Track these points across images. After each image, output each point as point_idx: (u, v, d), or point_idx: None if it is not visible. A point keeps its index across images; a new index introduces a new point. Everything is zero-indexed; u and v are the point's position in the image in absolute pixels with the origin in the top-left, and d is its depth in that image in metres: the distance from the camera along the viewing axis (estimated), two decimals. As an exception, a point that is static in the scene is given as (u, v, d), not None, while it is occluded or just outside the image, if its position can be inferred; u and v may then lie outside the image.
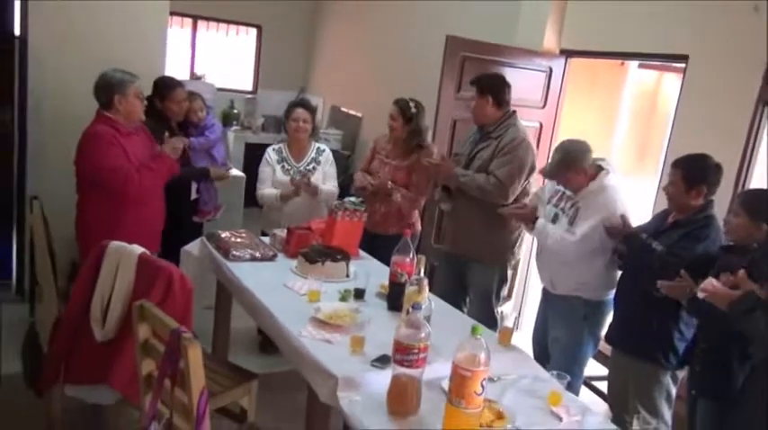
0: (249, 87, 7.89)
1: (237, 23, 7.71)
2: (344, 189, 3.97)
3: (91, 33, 3.89)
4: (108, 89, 3.07)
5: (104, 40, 3.89)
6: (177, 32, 7.36)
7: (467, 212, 3.40)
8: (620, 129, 7.68)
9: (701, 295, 2.19)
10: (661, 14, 3.77)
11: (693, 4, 3.58)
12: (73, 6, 3.82)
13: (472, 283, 3.56)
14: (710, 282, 2.16)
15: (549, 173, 3.05)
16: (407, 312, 2.04)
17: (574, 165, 2.92)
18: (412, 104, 3.59)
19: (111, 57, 3.52)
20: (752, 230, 2.38)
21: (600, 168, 2.96)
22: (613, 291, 2.96)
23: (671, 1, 3.69)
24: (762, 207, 2.39)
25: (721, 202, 2.80)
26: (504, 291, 3.67)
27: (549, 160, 3.09)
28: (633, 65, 7.32)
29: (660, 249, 2.57)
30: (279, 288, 2.70)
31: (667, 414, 2.77)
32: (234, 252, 2.96)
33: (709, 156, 2.66)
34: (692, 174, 2.62)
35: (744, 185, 3.27)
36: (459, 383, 1.70)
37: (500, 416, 1.90)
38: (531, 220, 3.10)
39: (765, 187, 3.08)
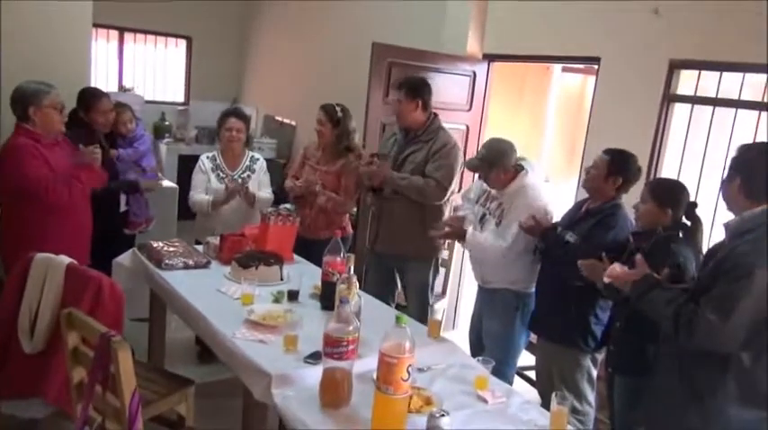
0: (180, 99, 7.82)
1: (166, 35, 7.64)
2: (280, 197, 4.01)
3: (10, 45, 3.80)
4: (22, 101, 3.01)
5: (25, 52, 3.81)
6: (104, 46, 7.24)
7: (400, 211, 3.48)
8: (549, 133, 7.95)
9: (606, 280, 2.31)
10: (574, 18, 3.96)
11: (602, 8, 3.77)
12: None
13: (409, 281, 3.66)
14: (614, 268, 2.29)
15: (472, 165, 3.18)
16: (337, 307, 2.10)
17: (496, 164, 3.05)
18: (338, 108, 3.67)
19: (33, 69, 3.46)
20: (658, 215, 2.55)
21: (521, 167, 3.11)
22: None
23: (583, 2, 3.88)
24: (667, 193, 2.58)
25: (634, 194, 2.98)
26: (436, 285, 3.78)
27: (475, 154, 3.22)
28: (557, 69, 7.61)
29: (573, 240, 2.72)
30: (212, 293, 2.73)
31: (591, 395, 2.91)
32: (166, 261, 2.96)
33: (636, 157, 2.85)
34: (616, 163, 2.80)
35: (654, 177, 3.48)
36: (386, 370, 1.77)
37: (429, 401, 1.99)
38: (461, 235, 3.19)
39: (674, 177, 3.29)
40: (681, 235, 2.53)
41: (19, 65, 3.63)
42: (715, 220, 3.20)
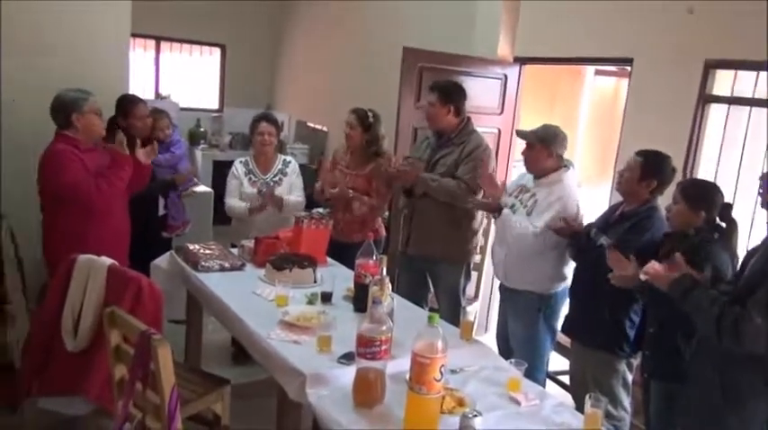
0: (215, 106, 7.97)
1: (201, 44, 7.79)
2: (312, 201, 4.06)
3: (53, 57, 3.91)
4: (64, 109, 3.11)
5: (68, 62, 3.92)
6: (141, 55, 7.41)
7: (432, 213, 3.48)
8: (581, 138, 7.84)
9: (642, 277, 2.28)
10: (607, 19, 3.93)
11: (635, 8, 3.74)
12: (32, 29, 3.85)
13: (440, 284, 3.66)
14: (652, 265, 2.26)
15: (522, 133, 3.19)
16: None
17: (545, 141, 3.06)
18: (370, 114, 3.70)
19: (75, 79, 3.53)
20: (690, 217, 2.51)
21: (563, 164, 3.12)
22: (564, 283, 3.10)
23: (615, 3, 3.85)
24: (699, 195, 2.53)
25: (667, 196, 2.94)
26: (469, 289, 3.78)
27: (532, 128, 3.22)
28: (590, 73, 7.52)
29: (607, 244, 2.69)
30: (248, 295, 2.77)
31: (626, 400, 2.87)
32: (203, 263, 3.02)
33: (670, 158, 2.81)
34: (650, 165, 2.76)
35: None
36: (419, 371, 1.78)
37: (462, 402, 2.00)
38: (497, 210, 3.20)
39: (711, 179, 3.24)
40: (716, 237, 2.49)
41: (62, 75, 3.71)
42: (754, 222, 3.14)
